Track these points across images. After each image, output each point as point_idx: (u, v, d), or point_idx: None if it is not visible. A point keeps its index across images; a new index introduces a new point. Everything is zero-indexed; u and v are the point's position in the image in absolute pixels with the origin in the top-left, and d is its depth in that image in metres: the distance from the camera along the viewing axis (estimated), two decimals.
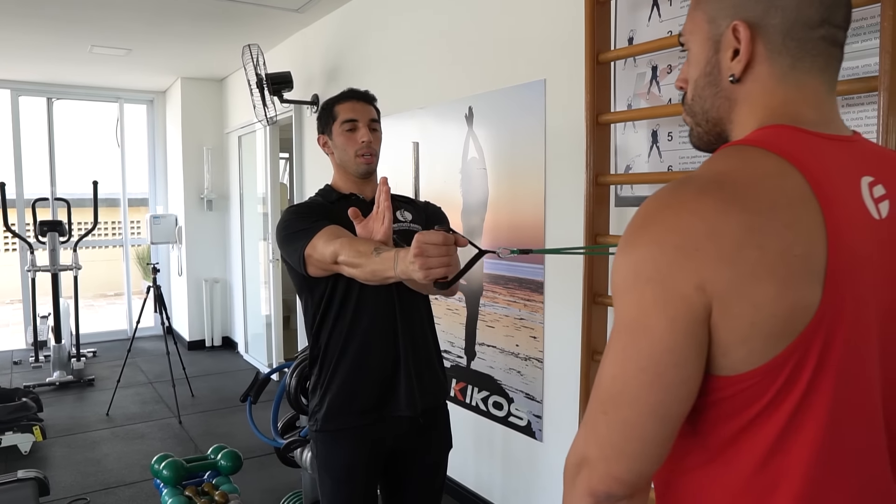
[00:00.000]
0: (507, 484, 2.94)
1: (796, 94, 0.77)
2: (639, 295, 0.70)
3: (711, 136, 0.85)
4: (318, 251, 1.58)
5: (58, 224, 5.58)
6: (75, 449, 3.96)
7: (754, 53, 0.77)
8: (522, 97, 2.69)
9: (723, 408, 0.72)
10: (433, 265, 1.22)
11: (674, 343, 0.68)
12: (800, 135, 0.75)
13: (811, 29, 0.75)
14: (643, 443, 0.71)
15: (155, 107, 7.10)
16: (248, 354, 6.20)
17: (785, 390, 0.68)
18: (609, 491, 0.72)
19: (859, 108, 1.63)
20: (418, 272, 1.22)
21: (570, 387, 2.50)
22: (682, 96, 0.87)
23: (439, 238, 1.22)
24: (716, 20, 0.79)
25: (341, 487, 1.75)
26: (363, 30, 3.95)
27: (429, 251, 1.21)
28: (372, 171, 1.81)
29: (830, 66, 0.78)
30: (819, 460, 0.70)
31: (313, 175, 4.71)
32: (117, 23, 4.43)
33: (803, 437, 0.69)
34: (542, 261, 2.64)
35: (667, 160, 2.14)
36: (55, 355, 5.35)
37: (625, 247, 0.73)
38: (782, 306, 0.66)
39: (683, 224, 0.68)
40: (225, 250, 6.71)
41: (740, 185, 0.69)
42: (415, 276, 1.25)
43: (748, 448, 0.72)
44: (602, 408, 0.73)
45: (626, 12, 2.22)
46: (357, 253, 1.48)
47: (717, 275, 0.66)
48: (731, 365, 0.70)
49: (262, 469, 3.62)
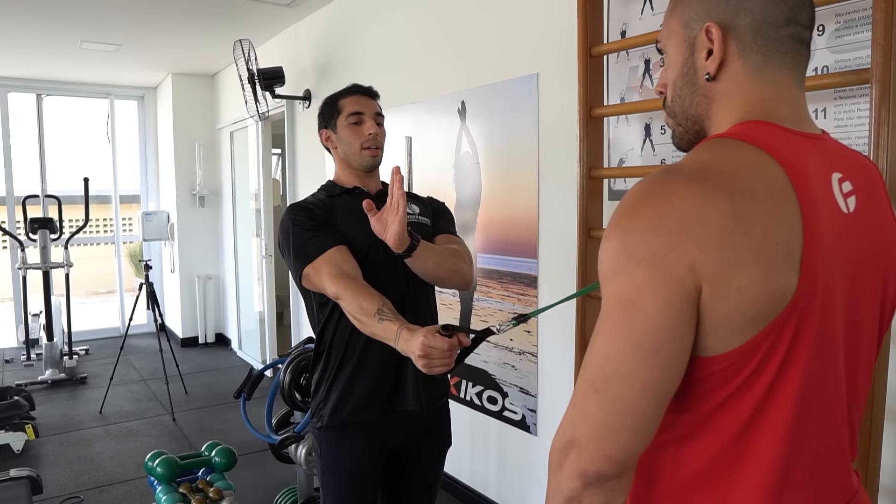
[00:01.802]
0: (502, 478, 2.95)
1: (771, 92, 0.82)
2: (631, 275, 0.71)
3: (692, 135, 0.89)
4: (320, 282, 1.60)
5: (48, 221, 5.55)
6: (68, 447, 3.94)
7: (727, 52, 0.82)
8: (515, 91, 2.68)
9: (701, 387, 0.75)
10: (436, 365, 1.35)
11: (668, 320, 0.70)
12: (777, 131, 0.79)
13: (778, 28, 0.80)
14: (636, 420, 0.72)
15: (146, 103, 7.06)
16: (242, 351, 6.19)
17: (759, 369, 0.72)
18: (600, 471, 0.73)
19: (851, 100, 1.63)
20: (422, 368, 1.37)
21: (564, 381, 2.51)
22: (664, 100, 0.92)
23: (445, 345, 1.34)
24: (689, 24, 0.84)
25: (345, 486, 1.74)
26: (355, 24, 3.93)
27: (433, 354, 1.34)
28: (377, 163, 1.80)
29: (799, 63, 0.83)
30: (789, 432, 0.74)
31: (306, 170, 4.69)
32: (107, 18, 4.40)
33: (776, 411, 0.74)
34: (536, 255, 2.64)
35: (660, 153, 2.15)
36: (47, 353, 5.32)
37: (614, 231, 0.75)
38: (764, 291, 0.70)
39: (675, 210, 0.71)
40: (217, 246, 6.69)
41: (725, 174, 0.73)
42: (417, 365, 1.38)
43: (724, 423, 0.75)
44: (593, 387, 0.74)
45: (618, 6, 2.22)
46: (360, 309, 1.52)
47: (708, 258, 0.69)
48: (712, 346, 0.73)
49: (256, 465, 3.61)
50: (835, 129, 1.66)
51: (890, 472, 1.60)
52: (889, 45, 1.37)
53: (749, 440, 0.75)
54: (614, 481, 0.74)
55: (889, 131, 1.38)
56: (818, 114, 1.70)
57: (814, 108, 1.70)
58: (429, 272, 1.65)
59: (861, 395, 0.86)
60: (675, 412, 0.77)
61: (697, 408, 0.76)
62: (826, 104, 1.68)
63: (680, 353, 0.71)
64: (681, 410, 0.77)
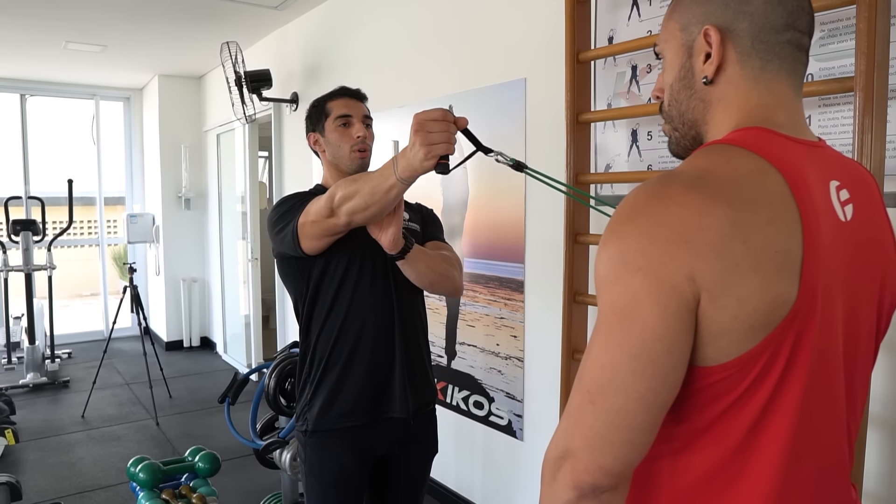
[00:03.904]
0: (488, 483, 2.94)
1: (769, 98, 0.81)
2: (628, 284, 0.70)
3: (688, 141, 0.88)
4: (312, 212, 1.56)
5: (31, 223, 5.48)
6: (49, 452, 3.89)
7: (725, 56, 0.81)
8: (503, 96, 2.68)
9: (700, 397, 0.74)
10: (435, 140, 1.24)
11: (665, 331, 0.69)
12: (776, 137, 0.78)
13: (777, 33, 0.79)
14: (632, 431, 0.71)
15: (132, 104, 7.00)
16: (227, 355, 6.14)
17: (760, 379, 0.71)
18: (595, 482, 0.71)
19: (835, 108, 1.65)
20: (420, 151, 1.25)
21: (550, 386, 2.50)
22: (660, 105, 0.91)
23: (437, 113, 1.25)
24: (688, 27, 0.83)
25: (330, 493, 1.72)
26: (343, 28, 3.92)
27: (429, 126, 1.25)
28: (366, 166, 1.80)
29: (797, 70, 0.82)
30: (789, 444, 0.73)
31: (293, 173, 4.67)
32: (92, 19, 4.36)
33: (777, 422, 0.72)
34: (523, 260, 2.64)
35: (646, 159, 2.15)
36: (28, 357, 5.25)
37: (611, 238, 0.73)
38: (764, 300, 0.68)
39: (673, 217, 0.69)
40: (203, 249, 6.64)
41: (724, 182, 0.71)
42: (417, 159, 1.27)
43: (723, 434, 0.74)
44: (588, 397, 0.72)
45: (606, 12, 2.23)
46: (352, 181, 1.48)
47: (707, 266, 0.68)
48: (712, 355, 0.71)
49: (240, 471, 3.58)
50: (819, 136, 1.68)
51: (873, 478, 1.61)
52: (872, 54, 1.39)
53: (748, 452, 0.73)
54: (609, 493, 0.72)
55: (872, 139, 1.40)
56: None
57: None
58: (421, 276, 1.65)
59: (858, 404, 0.85)
60: (672, 423, 0.75)
61: (695, 419, 0.75)
62: (811, 112, 1.69)
63: (678, 364, 0.70)
64: (678, 421, 0.76)
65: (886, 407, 1.60)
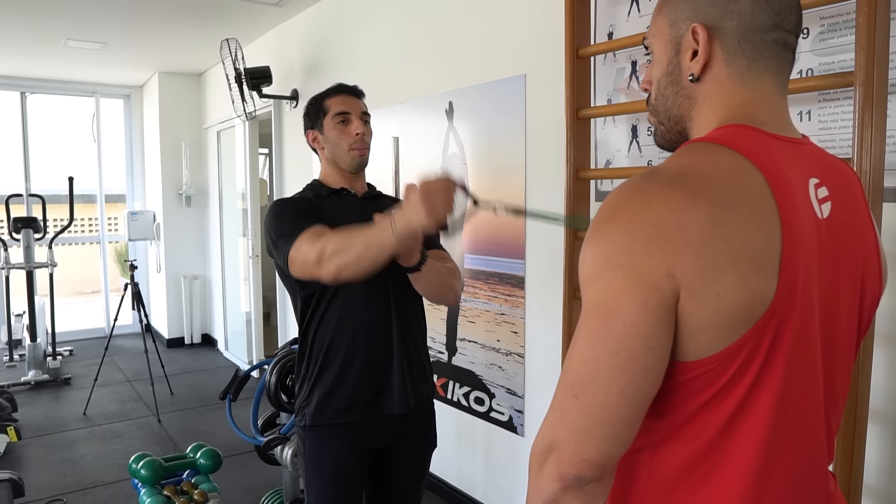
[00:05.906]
0: (489, 479, 2.94)
1: (753, 96, 0.82)
2: (610, 281, 0.72)
3: (673, 135, 0.89)
4: (302, 254, 1.55)
5: (32, 221, 5.48)
6: (51, 449, 3.90)
7: (712, 54, 0.82)
8: (503, 92, 2.68)
9: (681, 391, 0.75)
10: (440, 209, 1.34)
11: (645, 327, 0.70)
12: (757, 135, 0.79)
13: (764, 32, 0.80)
14: (614, 425, 0.72)
15: (132, 101, 7.00)
16: (228, 351, 6.15)
17: (739, 374, 0.73)
18: (579, 474, 0.73)
19: (835, 102, 1.64)
20: (426, 219, 1.33)
21: (551, 382, 2.51)
22: (648, 97, 0.92)
23: (443, 184, 1.35)
24: (676, 23, 0.84)
25: (329, 487, 1.72)
26: (343, 24, 3.92)
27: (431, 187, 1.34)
28: (364, 164, 1.79)
29: (783, 69, 0.83)
30: (767, 437, 0.74)
31: (293, 170, 4.67)
32: (92, 16, 4.36)
33: (754, 416, 0.74)
34: (523, 256, 2.64)
35: (647, 155, 2.15)
36: (30, 354, 5.26)
37: (594, 236, 0.75)
38: (742, 296, 0.70)
39: (654, 215, 0.71)
40: (204, 246, 6.64)
41: (705, 180, 0.73)
42: (419, 221, 1.34)
43: (702, 428, 0.76)
44: (572, 392, 0.74)
45: (605, 7, 2.23)
46: (346, 235, 1.48)
47: (686, 263, 0.69)
48: (692, 351, 0.73)
49: (242, 467, 3.59)
50: (819, 131, 1.68)
51: (873, 473, 1.61)
52: (872, 49, 1.38)
53: (726, 445, 0.75)
54: (593, 485, 0.74)
55: (872, 134, 1.39)
56: (803, 116, 1.71)
57: (798, 111, 1.71)
58: (430, 288, 1.67)
59: (839, 398, 0.86)
60: (653, 416, 0.77)
61: (675, 412, 0.76)
62: (810, 106, 1.69)
63: (658, 359, 0.72)
64: (659, 415, 0.77)
65: (887, 401, 1.60)
